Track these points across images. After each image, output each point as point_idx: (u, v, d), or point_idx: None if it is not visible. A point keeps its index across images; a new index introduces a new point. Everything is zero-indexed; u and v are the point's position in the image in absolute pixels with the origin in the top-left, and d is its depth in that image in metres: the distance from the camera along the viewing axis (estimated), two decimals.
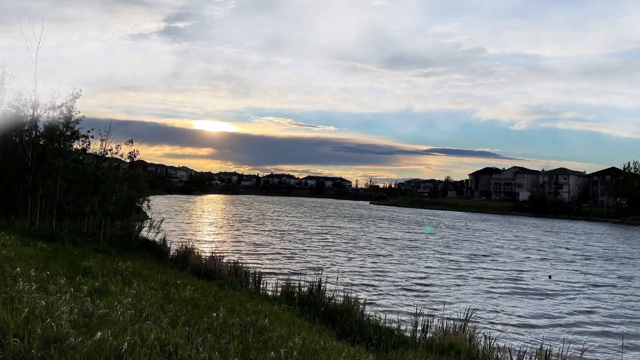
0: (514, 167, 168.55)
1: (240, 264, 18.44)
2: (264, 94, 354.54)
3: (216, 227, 50.84)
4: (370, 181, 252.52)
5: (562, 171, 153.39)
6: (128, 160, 25.14)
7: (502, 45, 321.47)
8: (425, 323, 11.91)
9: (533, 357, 10.64)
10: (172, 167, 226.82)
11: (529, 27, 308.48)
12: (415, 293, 21.37)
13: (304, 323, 9.87)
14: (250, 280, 17.11)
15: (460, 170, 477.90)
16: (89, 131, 22.66)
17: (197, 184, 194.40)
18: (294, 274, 22.05)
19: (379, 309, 16.26)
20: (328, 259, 29.95)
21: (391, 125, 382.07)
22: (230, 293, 12.03)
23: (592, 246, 48.26)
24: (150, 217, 31.21)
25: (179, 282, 11.16)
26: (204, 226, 50.65)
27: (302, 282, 14.71)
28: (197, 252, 20.19)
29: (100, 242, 18.72)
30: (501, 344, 11.98)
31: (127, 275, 10.59)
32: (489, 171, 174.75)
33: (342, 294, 13.89)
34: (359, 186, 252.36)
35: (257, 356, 5.68)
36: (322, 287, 13.81)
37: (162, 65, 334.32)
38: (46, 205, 20.34)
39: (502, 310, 19.08)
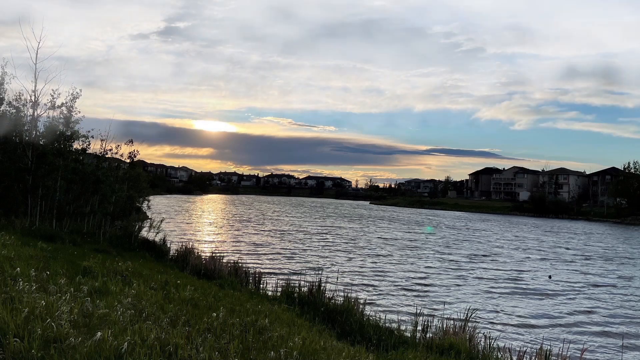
0: (514, 167, 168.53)
1: (240, 264, 18.44)
2: (264, 94, 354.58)
3: (216, 227, 50.84)
4: (370, 181, 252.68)
5: (562, 171, 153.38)
6: (128, 160, 25.15)
7: (502, 45, 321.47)
8: (425, 323, 11.91)
9: (533, 357, 10.64)
10: (172, 167, 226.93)
11: (529, 27, 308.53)
12: (415, 293, 21.37)
13: (304, 323, 9.87)
14: (250, 280, 17.11)
15: (460, 170, 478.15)
16: (89, 131, 22.69)
17: (197, 184, 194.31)
18: (294, 274, 22.04)
19: (379, 309, 16.26)
20: (328, 259, 29.94)
21: (391, 125, 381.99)
22: (230, 293, 12.03)
23: (592, 246, 48.26)
24: (150, 217, 31.20)
25: (179, 282, 11.16)
26: (204, 226, 50.65)
27: (302, 282, 14.70)
28: (197, 252, 20.19)
29: (100, 242, 18.72)
30: (501, 344, 11.97)
31: (127, 275, 10.59)
32: (489, 171, 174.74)
33: (342, 294, 13.88)
34: (359, 186, 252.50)
35: (257, 356, 5.68)
36: (322, 287, 13.81)
37: (162, 65, 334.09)
38: (46, 205, 20.34)
39: (502, 310, 19.08)
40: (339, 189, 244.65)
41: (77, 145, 22.66)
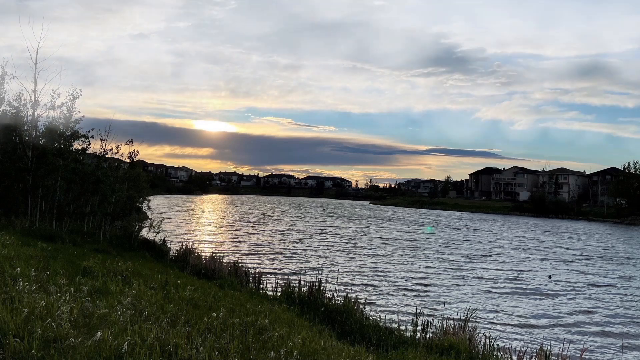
0: (514, 167, 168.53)
1: (240, 264, 18.43)
2: (264, 94, 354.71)
3: (216, 227, 50.83)
4: (370, 181, 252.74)
5: (562, 171, 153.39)
6: (128, 160, 25.13)
7: (502, 45, 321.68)
8: (425, 323, 11.91)
9: (533, 357, 10.64)
10: (172, 167, 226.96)
11: (529, 27, 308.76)
12: (415, 293, 21.36)
13: (304, 323, 9.87)
14: (250, 280, 17.10)
15: (460, 170, 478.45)
16: (89, 131, 22.67)
17: (197, 184, 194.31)
18: (294, 274, 22.04)
19: (379, 309, 16.25)
20: (328, 259, 29.94)
21: (391, 125, 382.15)
22: (230, 293, 12.03)
23: (592, 246, 48.26)
24: (150, 217, 31.20)
25: (179, 282, 11.16)
26: (204, 226, 50.64)
27: (302, 282, 14.70)
28: (197, 252, 20.18)
29: (100, 242, 18.71)
30: (501, 344, 11.97)
31: (127, 275, 10.58)
32: (489, 171, 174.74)
33: (342, 294, 13.88)
34: (359, 186, 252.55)
35: (257, 356, 5.68)
36: (322, 287, 13.80)
37: (162, 65, 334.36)
38: (46, 205, 20.33)
39: (502, 310, 19.08)
40: (339, 189, 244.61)
41: (77, 145, 22.65)
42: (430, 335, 11.32)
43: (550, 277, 27.74)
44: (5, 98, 20.62)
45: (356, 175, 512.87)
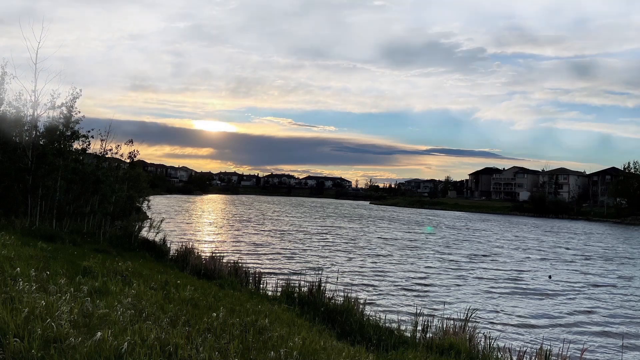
0: (514, 167, 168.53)
1: (240, 264, 18.43)
2: (264, 94, 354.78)
3: (216, 227, 50.84)
4: (370, 181, 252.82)
5: (562, 171, 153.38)
6: (128, 160, 25.15)
7: (502, 45, 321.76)
8: (425, 323, 11.90)
9: (533, 357, 10.63)
10: (172, 167, 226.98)
11: (529, 28, 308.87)
12: (415, 293, 21.36)
13: (304, 323, 9.87)
14: (250, 280, 17.10)
15: (460, 170, 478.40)
16: (89, 131, 22.67)
17: (197, 184, 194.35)
18: (294, 274, 22.04)
19: (379, 309, 16.25)
20: (328, 259, 29.94)
21: (391, 125, 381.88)
22: (230, 293, 12.03)
23: (592, 246, 48.26)
24: (150, 217, 31.20)
25: (179, 282, 11.16)
26: (204, 226, 50.64)
27: (302, 282, 14.70)
28: (197, 252, 20.18)
29: (100, 242, 18.71)
30: (501, 344, 11.96)
31: (127, 275, 10.58)
32: (489, 171, 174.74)
33: (342, 294, 13.88)
34: (359, 186, 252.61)
35: (257, 356, 5.68)
36: (322, 287, 13.80)
37: (162, 65, 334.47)
38: (46, 205, 20.33)
39: (502, 310, 19.08)
40: (339, 189, 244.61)
41: (77, 145, 22.65)
42: (430, 335, 11.32)
43: (550, 277, 27.75)
44: (5, 98, 20.61)
45: (356, 175, 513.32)
